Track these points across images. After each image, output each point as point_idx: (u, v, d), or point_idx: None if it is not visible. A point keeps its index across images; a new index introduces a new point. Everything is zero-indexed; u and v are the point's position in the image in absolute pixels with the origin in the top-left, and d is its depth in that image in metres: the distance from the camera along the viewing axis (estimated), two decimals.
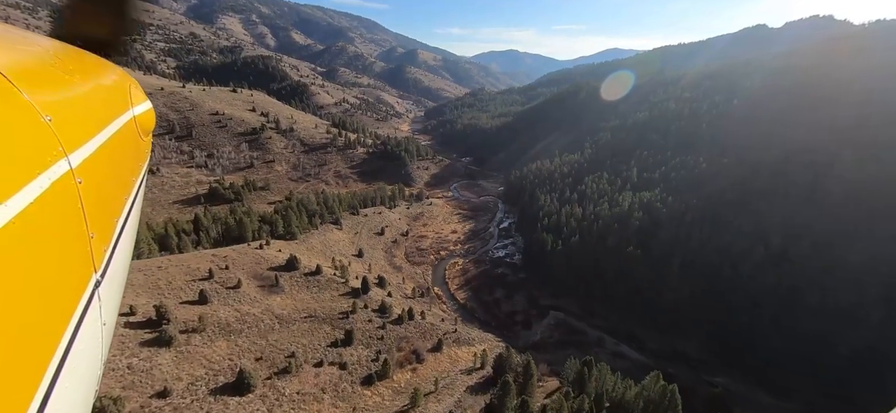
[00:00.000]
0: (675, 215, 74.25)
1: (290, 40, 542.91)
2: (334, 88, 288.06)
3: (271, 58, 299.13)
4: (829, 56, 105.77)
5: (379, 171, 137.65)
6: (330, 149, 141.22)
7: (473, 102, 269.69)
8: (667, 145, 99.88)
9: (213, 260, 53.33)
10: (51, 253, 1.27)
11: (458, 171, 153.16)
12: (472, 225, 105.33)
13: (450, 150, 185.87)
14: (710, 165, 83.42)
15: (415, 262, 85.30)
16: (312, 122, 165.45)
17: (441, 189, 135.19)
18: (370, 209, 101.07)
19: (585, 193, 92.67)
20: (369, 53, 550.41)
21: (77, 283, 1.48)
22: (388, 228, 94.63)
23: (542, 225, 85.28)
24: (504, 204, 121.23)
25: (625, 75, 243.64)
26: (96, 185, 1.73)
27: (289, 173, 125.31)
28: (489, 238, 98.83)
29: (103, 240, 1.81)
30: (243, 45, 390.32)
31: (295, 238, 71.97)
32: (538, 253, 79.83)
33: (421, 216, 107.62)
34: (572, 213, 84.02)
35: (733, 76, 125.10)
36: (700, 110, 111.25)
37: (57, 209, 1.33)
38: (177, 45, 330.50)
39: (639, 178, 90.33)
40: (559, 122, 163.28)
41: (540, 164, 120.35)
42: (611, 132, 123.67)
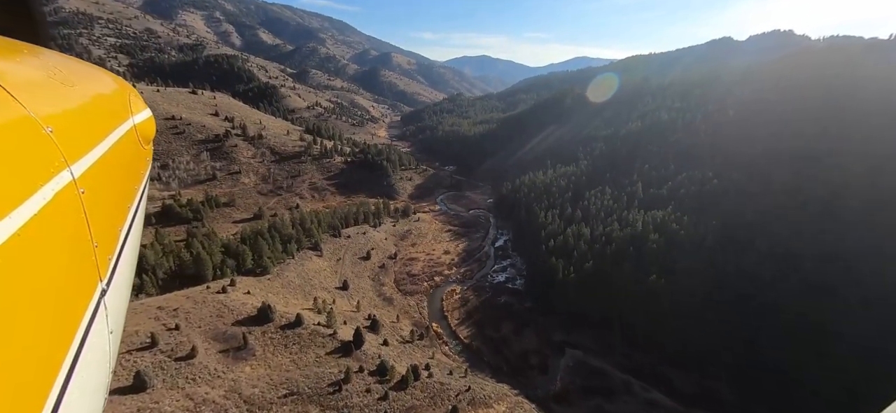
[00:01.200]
0: (693, 238, 67.69)
1: (258, 40, 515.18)
2: (306, 91, 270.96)
3: (237, 57, 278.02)
4: (828, 66, 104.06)
5: (359, 183, 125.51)
6: (304, 158, 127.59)
7: (452, 108, 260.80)
8: (667, 157, 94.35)
9: (158, 316, 40.68)
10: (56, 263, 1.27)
11: (444, 181, 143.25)
12: (465, 243, 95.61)
13: (431, 158, 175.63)
14: (721, 181, 77.92)
15: (407, 290, 74.49)
16: (283, 127, 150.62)
17: (427, 201, 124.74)
18: (353, 229, 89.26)
19: (589, 210, 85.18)
20: (342, 55, 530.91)
21: (83, 292, 1.48)
22: (374, 251, 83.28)
23: (548, 247, 76.82)
24: (495, 218, 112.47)
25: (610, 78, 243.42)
26: (99, 194, 1.73)
27: (258, 186, 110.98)
28: (486, 259, 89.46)
29: (108, 248, 1.80)
30: (206, 44, 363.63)
31: (267, 272, 59.53)
32: (546, 280, 71.18)
33: (409, 234, 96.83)
34: (580, 233, 76.04)
35: (724, 85, 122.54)
36: (694, 120, 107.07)
37: (61, 220, 1.33)
38: (130, 41, 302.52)
39: (645, 194, 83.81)
40: (545, 131, 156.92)
41: (533, 176, 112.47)
42: (605, 142, 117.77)
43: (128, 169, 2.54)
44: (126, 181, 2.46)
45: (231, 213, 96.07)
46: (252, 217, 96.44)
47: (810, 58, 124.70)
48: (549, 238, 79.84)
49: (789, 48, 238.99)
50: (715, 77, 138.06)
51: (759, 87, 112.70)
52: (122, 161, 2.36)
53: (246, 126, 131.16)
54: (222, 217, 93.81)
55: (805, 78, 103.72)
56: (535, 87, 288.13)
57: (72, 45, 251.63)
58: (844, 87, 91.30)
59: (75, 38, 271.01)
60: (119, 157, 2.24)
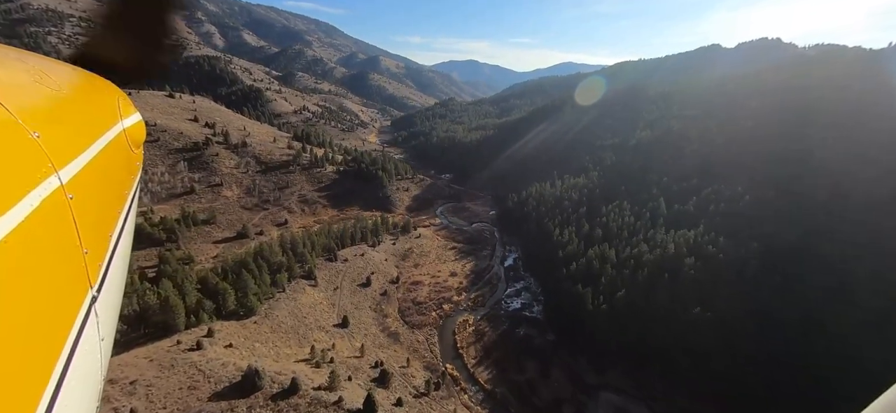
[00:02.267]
0: (734, 262, 60.59)
1: (242, 41, 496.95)
2: (293, 95, 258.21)
3: (219, 58, 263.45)
4: (843, 78, 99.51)
5: (352, 194, 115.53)
6: (293, 167, 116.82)
7: (445, 113, 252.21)
8: (686, 170, 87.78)
9: (109, 393, 30.56)
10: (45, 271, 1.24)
11: (442, 191, 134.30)
12: (471, 263, 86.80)
13: (426, 165, 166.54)
14: (754, 198, 71.38)
15: (414, 322, 65.23)
16: (270, 134, 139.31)
17: (426, 214, 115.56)
18: (350, 250, 79.44)
19: (609, 227, 77.58)
20: (329, 58, 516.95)
21: (73, 299, 1.45)
22: (374, 275, 73.72)
23: (568, 271, 68.76)
24: (500, 232, 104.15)
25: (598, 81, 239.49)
26: (88, 199, 1.70)
27: (241, 199, 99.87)
28: (496, 281, 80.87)
29: (98, 255, 1.77)
30: (186, 44, 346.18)
31: (253, 313, 49.48)
32: (570, 309, 63.02)
33: (410, 253, 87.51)
34: (605, 256, 68.21)
35: (733, 94, 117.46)
36: (708, 129, 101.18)
37: (49, 226, 1.31)
38: None
39: (669, 211, 76.73)
40: (544, 138, 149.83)
41: (540, 188, 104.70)
42: (614, 152, 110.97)
43: (117, 174, 2.48)
44: (116, 186, 2.41)
45: (211, 232, 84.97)
46: (235, 235, 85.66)
47: (821, 68, 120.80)
48: (568, 260, 71.81)
49: (778, 55, 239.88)
50: (719, 85, 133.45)
51: (771, 97, 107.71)
52: (111, 166, 2.31)
53: (228, 133, 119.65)
54: (201, 236, 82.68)
55: (820, 87, 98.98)
56: (528, 92, 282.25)
57: (39, 44, 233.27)
58: (869, 97, 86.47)
59: (43, 37, 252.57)
60: (108, 162, 2.20)
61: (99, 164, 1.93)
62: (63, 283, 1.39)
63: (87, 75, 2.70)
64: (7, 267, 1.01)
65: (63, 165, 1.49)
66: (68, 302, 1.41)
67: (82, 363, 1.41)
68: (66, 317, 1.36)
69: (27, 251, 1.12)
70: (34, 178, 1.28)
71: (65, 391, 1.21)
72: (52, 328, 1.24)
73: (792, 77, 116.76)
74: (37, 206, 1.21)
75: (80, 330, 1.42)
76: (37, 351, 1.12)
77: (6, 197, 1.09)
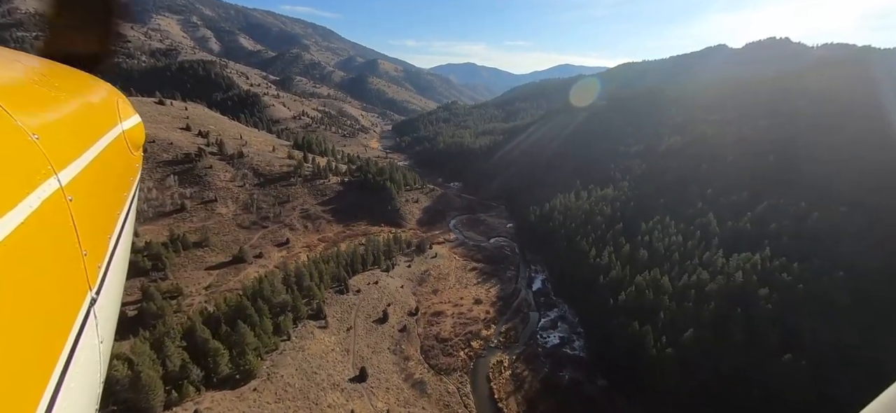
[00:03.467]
0: (815, 294, 51.22)
1: (238, 45, 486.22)
2: (291, 99, 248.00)
3: (215, 63, 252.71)
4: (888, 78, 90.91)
5: (358, 207, 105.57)
6: (293, 179, 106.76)
7: (448, 117, 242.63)
8: (732, 181, 78.60)
9: None
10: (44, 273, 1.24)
11: (453, 202, 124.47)
12: (496, 287, 77.05)
13: (432, 172, 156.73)
14: (825, 215, 62.19)
15: (440, 366, 55.33)
16: (268, 142, 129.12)
17: (439, 228, 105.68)
18: (361, 276, 69.58)
19: (655, 248, 68.17)
20: (327, 62, 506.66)
21: (72, 302, 1.44)
22: (391, 307, 63.83)
23: (617, 302, 59.20)
24: (521, 248, 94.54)
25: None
26: (87, 202, 1.69)
27: (237, 217, 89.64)
28: (527, 309, 71.14)
29: (97, 257, 1.76)
30: (181, 49, 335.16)
31: (252, 375, 39.46)
32: (623, 349, 53.40)
33: (428, 277, 77.65)
34: (658, 283, 58.71)
35: (761, 96, 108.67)
36: (746, 135, 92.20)
37: (48, 228, 1.30)
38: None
39: (722, 228, 67.40)
40: (560, 144, 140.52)
41: (565, 200, 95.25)
42: (642, 159, 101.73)
43: (117, 176, 2.47)
44: (115, 188, 2.40)
45: (204, 257, 74.76)
46: (231, 260, 75.52)
47: (850, 68, 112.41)
48: (613, 288, 62.26)
49: (787, 55, 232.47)
50: (742, 86, 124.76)
51: (810, 100, 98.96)
52: (110, 168, 2.31)
53: (223, 142, 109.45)
54: (192, 262, 72.49)
55: (864, 89, 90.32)
56: (532, 94, 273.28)
57: (25, 49, 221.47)
58: None
59: (30, 42, 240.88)
60: (107, 164, 2.21)
61: (98, 166, 1.94)
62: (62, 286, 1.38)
63: (86, 77, 2.68)
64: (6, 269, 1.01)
65: (62, 167, 1.48)
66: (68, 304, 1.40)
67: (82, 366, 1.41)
68: (66, 319, 1.36)
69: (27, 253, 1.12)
70: (33, 180, 1.27)
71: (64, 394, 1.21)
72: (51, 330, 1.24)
73: (823, 79, 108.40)
74: (36, 208, 1.21)
75: (79, 332, 1.41)
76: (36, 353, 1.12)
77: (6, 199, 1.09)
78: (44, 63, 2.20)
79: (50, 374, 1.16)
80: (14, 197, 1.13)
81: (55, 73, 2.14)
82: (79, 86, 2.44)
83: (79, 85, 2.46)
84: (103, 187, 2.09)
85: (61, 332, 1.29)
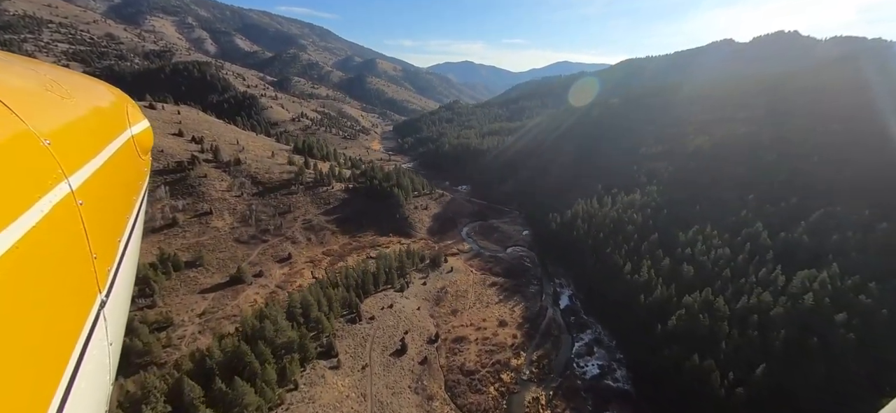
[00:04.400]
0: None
1: (234, 46, 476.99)
2: (289, 101, 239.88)
3: (210, 64, 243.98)
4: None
5: (364, 216, 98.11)
6: (295, 187, 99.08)
7: (451, 117, 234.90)
8: (777, 186, 71.57)
9: None
10: (55, 276, 1.26)
11: (464, 208, 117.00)
12: (520, 305, 69.75)
13: (438, 175, 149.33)
14: (892, 226, 55.05)
15: (469, 406, 47.91)
16: (267, 147, 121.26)
17: (451, 237, 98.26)
18: (373, 299, 62.18)
19: (700, 263, 60.96)
20: (325, 62, 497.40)
21: (82, 304, 1.46)
22: (409, 335, 56.44)
23: (666, 328, 51.98)
24: (541, 258, 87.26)
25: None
26: (97, 205, 1.71)
27: (235, 230, 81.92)
28: (557, 331, 63.84)
29: (107, 260, 1.78)
30: (176, 50, 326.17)
31: None
32: (677, 384, 46.19)
33: (445, 295, 70.27)
34: (712, 305, 51.43)
35: (800, 94, 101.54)
36: (783, 136, 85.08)
37: (59, 232, 1.32)
38: (86, 47, 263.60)
39: (774, 240, 60.22)
40: (575, 144, 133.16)
41: (588, 206, 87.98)
42: (668, 161, 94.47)
43: (126, 180, 2.48)
44: (124, 192, 2.41)
45: (197, 278, 67.12)
46: (228, 281, 67.97)
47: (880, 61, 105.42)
48: (657, 310, 55.05)
49: (798, 50, 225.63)
50: (763, 83, 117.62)
51: (848, 98, 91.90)
52: (120, 172, 2.31)
53: (219, 148, 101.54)
54: (184, 285, 64.82)
55: None
56: (536, 92, 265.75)
57: (14, 52, 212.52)
58: None
59: (18, 44, 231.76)
60: (117, 169, 2.21)
61: (108, 170, 1.94)
62: (73, 288, 1.40)
63: (96, 83, 2.68)
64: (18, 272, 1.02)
65: (73, 172, 1.50)
66: (78, 306, 1.41)
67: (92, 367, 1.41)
68: (76, 321, 1.37)
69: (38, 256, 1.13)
70: (45, 185, 1.29)
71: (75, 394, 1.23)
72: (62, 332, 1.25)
73: (853, 73, 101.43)
74: (47, 212, 1.23)
75: (89, 334, 1.42)
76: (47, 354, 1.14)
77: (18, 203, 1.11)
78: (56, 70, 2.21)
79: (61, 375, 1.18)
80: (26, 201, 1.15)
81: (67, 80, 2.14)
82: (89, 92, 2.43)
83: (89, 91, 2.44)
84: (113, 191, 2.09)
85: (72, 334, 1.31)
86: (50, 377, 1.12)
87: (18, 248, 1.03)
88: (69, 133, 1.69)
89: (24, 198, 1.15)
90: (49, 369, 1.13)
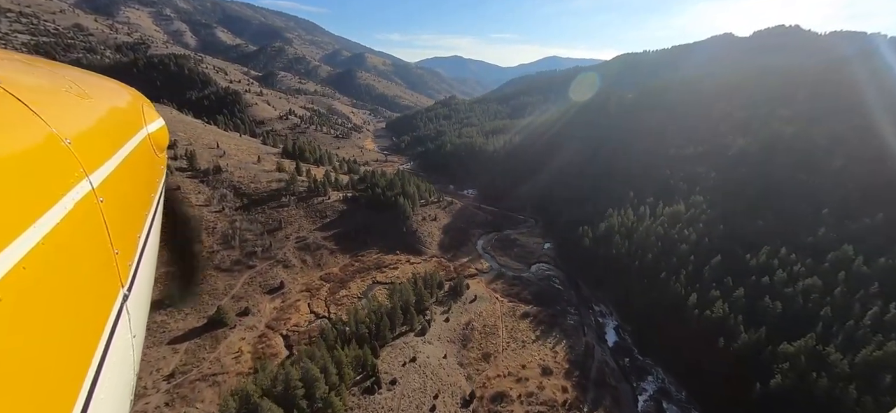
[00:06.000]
0: None
1: (215, 40, 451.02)
2: (276, 97, 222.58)
3: (188, 57, 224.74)
4: None
5: (366, 230, 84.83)
6: (285, 198, 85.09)
7: (449, 114, 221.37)
8: (852, 200, 61.27)
9: None
10: (79, 271, 1.29)
11: (475, 217, 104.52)
12: (561, 343, 57.95)
13: (441, 178, 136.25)
14: None
15: None
16: (252, 150, 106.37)
17: (466, 253, 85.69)
18: (390, 349, 49.45)
19: (781, 293, 50.05)
20: (312, 56, 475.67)
21: (106, 298, 1.50)
22: (440, 399, 44.06)
23: (768, 388, 40.83)
24: (569, 277, 75.79)
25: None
26: (117, 202, 1.75)
27: (214, 255, 67.87)
28: (613, 380, 52.23)
29: (127, 255, 1.82)
30: (152, 43, 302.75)
31: None
32: None
33: (472, 333, 57.97)
34: (830, 362, 40.42)
35: (842, 89, 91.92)
36: (843, 135, 75.08)
37: (82, 228, 1.36)
38: (49, 39, 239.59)
39: (872, 266, 49.67)
40: (591, 146, 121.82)
41: (623, 218, 76.63)
42: (708, 166, 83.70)
43: (144, 177, 2.54)
44: (142, 189, 2.47)
45: (166, 323, 53.24)
46: (206, 323, 54.42)
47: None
48: (749, 362, 43.89)
49: (802, 44, 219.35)
50: (804, 76, 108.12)
51: None
52: (138, 170, 2.37)
53: (195, 154, 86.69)
54: (149, 333, 50.77)
55: None
56: (536, 87, 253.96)
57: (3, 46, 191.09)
58: None
59: None
60: (135, 166, 2.26)
61: (126, 168, 1.99)
62: (96, 283, 1.42)
63: (113, 83, 2.74)
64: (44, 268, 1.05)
65: (93, 170, 1.53)
66: (101, 301, 1.44)
67: (116, 359, 1.44)
68: (100, 315, 1.40)
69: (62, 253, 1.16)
70: (67, 183, 1.32)
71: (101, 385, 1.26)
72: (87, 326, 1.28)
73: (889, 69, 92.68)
74: (70, 210, 1.26)
75: (113, 327, 1.45)
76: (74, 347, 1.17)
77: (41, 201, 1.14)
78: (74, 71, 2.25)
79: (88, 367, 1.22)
80: (49, 199, 1.18)
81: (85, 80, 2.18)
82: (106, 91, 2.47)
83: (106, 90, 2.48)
84: (132, 188, 2.13)
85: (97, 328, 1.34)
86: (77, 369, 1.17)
87: (45, 244, 1.07)
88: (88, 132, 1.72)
89: (48, 196, 1.19)
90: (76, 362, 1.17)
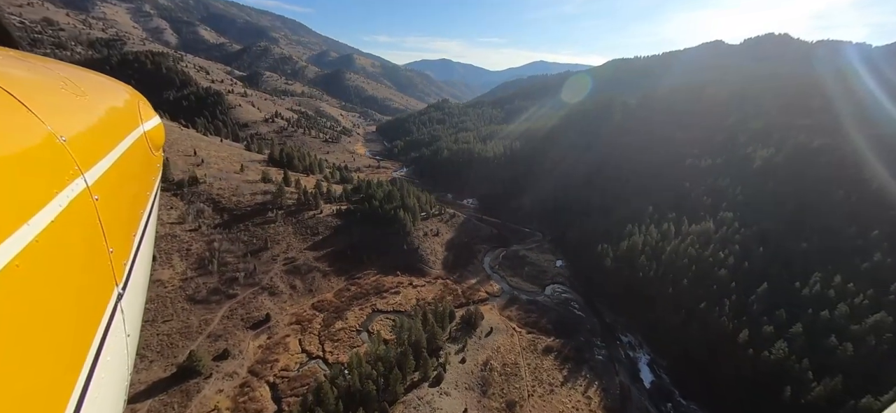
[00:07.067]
0: None
1: (198, 38, 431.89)
2: (261, 98, 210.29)
3: (167, 55, 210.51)
4: None
5: (363, 249, 75.75)
6: (273, 213, 75.36)
7: (443, 117, 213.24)
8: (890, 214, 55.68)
9: None
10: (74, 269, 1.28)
11: (480, 231, 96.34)
12: (593, 385, 50.28)
13: (437, 186, 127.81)
14: None
15: None
16: (235, 158, 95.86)
17: (473, 273, 77.35)
18: (402, 405, 40.72)
19: (850, 333, 43.55)
20: (299, 56, 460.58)
21: (100, 297, 1.48)
22: None
23: None
24: (588, 302, 68.56)
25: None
26: (112, 200, 1.74)
27: (188, 283, 57.85)
28: None
29: (123, 254, 1.80)
30: (129, 39, 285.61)
31: None
32: None
33: (491, 375, 49.74)
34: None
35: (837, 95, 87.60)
36: (880, 149, 70.06)
37: (77, 226, 1.35)
38: (16, 34, 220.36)
39: None
40: (598, 152, 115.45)
41: (647, 237, 69.77)
42: (732, 179, 77.71)
43: (139, 175, 2.49)
44: (138, 187, 2.43)
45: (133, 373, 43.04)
46: (173, 373, 44.64)
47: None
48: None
49: (794, 52, 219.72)
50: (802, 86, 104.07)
51: None
52: (133, 168, 2.33)
53: (169, 162, 76.03)
54: None
55: None
56: (529, 91, 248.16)
57: None
58: None
59: None
60: (131, 165, 2.23)
61: (122, 166, 1.96)
62: (91, 281, 1.41)
63: (109, 81, 2.71)
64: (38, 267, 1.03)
65: (88, 168, 1.51)
66: (96, 299, 1.43)
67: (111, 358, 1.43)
68: (95, 313, 1.38)
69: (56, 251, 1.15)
70: (62, 181, 1.31)
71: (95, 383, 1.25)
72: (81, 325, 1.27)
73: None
74: (65, 208, 1.24)
75: (107, 326, 1.43)
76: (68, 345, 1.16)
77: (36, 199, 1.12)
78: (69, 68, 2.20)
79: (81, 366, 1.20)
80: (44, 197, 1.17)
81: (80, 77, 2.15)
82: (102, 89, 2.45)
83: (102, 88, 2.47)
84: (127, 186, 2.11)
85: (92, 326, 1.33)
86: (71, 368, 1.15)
87: (39, 242, 1.05)
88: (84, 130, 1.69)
89: (43, 193, 1.17)
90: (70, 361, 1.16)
